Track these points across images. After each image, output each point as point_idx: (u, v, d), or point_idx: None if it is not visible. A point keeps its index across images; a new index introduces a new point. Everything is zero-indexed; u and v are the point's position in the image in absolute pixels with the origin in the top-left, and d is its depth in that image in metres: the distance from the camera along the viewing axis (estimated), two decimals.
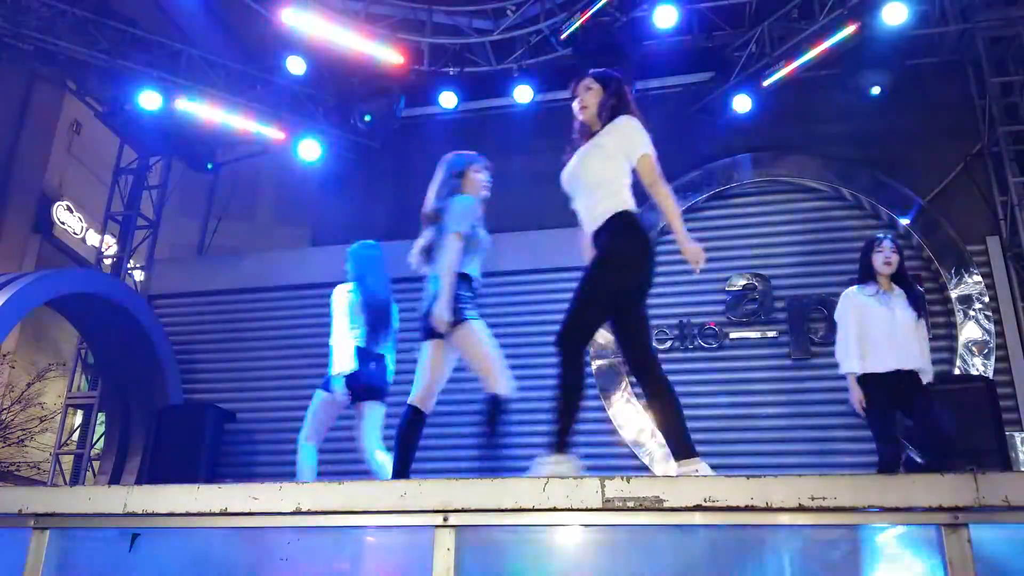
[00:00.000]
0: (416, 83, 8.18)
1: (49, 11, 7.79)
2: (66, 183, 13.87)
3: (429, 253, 3.94)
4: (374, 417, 4.94)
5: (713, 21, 8.03)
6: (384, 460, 4.79)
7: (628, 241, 3.14)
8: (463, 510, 2.16)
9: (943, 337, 7.06)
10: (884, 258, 4.40)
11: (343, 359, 4.85)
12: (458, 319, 3.74)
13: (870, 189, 7.56)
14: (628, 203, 3.21)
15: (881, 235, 4.64)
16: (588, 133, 3.37)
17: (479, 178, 4.04)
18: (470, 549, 2.16)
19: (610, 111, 3.31)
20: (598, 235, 3.21)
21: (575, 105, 3.43)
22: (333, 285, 5.54)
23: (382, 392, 5.00)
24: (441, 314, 3.68)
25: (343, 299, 5.03)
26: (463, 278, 3.83)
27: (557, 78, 8.25)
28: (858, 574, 2.18)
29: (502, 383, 3.76)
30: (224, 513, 2.32)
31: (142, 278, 9.47)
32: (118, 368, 8.29)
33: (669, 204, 3.16)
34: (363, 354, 4.90)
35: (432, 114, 8.81)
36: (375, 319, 5.02)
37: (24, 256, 13.08)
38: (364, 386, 4.90)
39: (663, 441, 3.17)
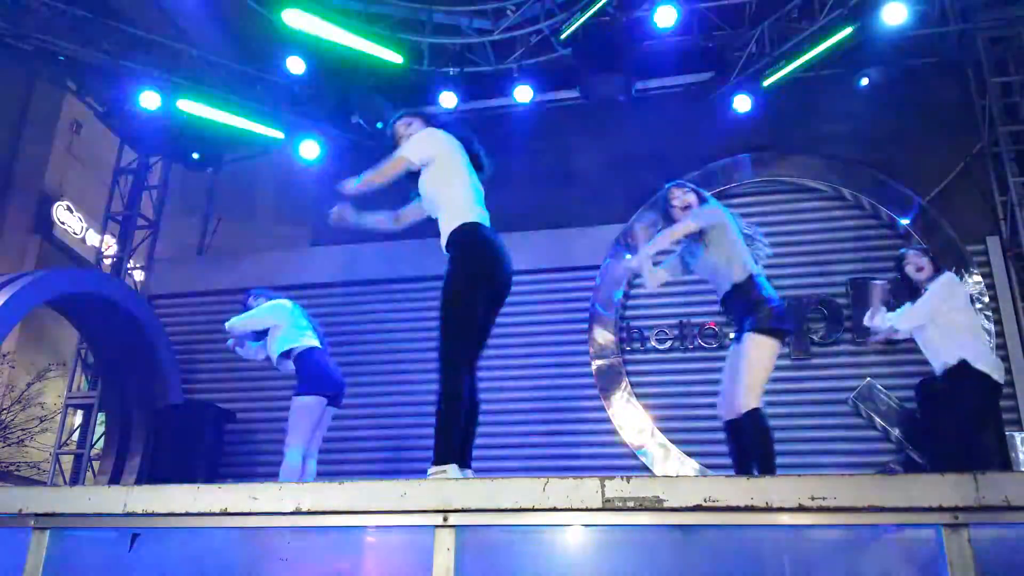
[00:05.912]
0: (416, 83, 8.17)
1: (49, 11, 7.78)
2: (66, 183, 13.88)
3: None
4: None
5: (713, 21, 8.02)
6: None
7: None
8: (463, 510, 2.15)
9: None
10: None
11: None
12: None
13: (870, 189, 7.55)
14: None
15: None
16: None
17: None
18: (470, 549, 2.16)
19: None
20: None
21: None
22: (333, 285, 5.57)
23: None
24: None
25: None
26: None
27: (557, 78, 8.26)
28: (858, 574, 2.18)
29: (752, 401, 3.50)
30: (224, 513, 2.31)
31: (142, 278, 9.46)
32: (118, 368, 8.28)
33: None
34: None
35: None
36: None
37: (24, 256, 13.09)
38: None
39: (663, 441, 3.16)
